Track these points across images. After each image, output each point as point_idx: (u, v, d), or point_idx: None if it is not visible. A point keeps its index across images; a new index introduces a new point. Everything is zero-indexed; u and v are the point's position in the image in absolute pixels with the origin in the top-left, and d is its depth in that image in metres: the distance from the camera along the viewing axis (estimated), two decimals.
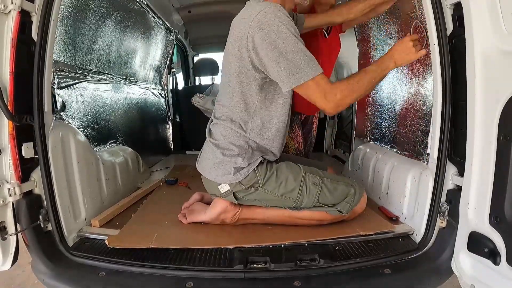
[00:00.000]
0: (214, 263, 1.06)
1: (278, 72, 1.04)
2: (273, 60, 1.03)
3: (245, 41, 1.06)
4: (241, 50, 1.08)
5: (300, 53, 1.03)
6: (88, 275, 1.05)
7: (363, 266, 1.07)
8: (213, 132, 1.24)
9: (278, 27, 1.02)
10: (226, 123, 1.19)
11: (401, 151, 1.55)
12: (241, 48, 1.08)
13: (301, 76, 1.03)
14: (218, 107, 1.24)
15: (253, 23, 1.03)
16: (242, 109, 1.16)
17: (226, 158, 1.17)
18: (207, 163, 1.22)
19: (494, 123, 0.83)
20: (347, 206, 1.21)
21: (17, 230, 1.05)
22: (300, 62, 1.03)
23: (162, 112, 2.97)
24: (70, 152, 1.25)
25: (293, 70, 1.03)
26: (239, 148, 1.17)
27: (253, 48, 1.05)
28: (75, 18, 1.51)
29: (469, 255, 0.94)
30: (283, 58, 1.02)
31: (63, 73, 1.46)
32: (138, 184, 1.94)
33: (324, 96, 1.05)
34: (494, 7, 0.81)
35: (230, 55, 1.13)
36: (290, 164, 1.24)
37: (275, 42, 1.02)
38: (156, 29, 2.55)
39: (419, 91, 1.40)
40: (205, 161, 1.24)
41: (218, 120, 1.22)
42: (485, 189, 0.87)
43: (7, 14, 0.98)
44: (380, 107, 1.81)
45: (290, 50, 1.02)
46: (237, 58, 1.10)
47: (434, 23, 1.07)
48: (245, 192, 1.21)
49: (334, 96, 1.05)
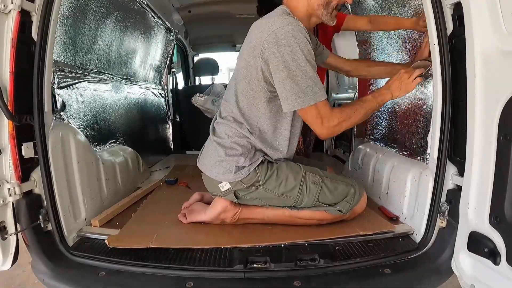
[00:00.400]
0: (214, 263, 1.06)
1: (283, 92, 1.07)
2: (280, 80, 1.06)
3: (259, 52, 1.07)
4: (255, 58, 1.09)
5: (307, 78, 1.05)
6: (88, 275, 1.05)
7: (363, 266, 1.07)
8: (217, 130, 1.24)
9: (293, 47, 1.02)
10: (231, 124, 1.19)
11: (401, 151, 1.55)
12: (255, 57, 1.09)
13: (303, 101, 1.06)
14: (224, 106, 1.24)
15: (269, 37, 1.04)
16: (248, 113, 1.17)
17: (229, 157, 1.17)
18: (209, 160, 1.23)
19: (494, 123, 0.83)
20: (347, 206, 1.21)
21: (17, 230, 1.05)
22: (306, 87, 1.05)
23: (162, 112, 2.97)
24: (70, 152, 1.25)
25: (297, 93, 1.05)
26: (242, 148, 1.17)
27: (265, 62, 1.07)
28: (75, 18, 1.51)
29: (469, 255, 0.93)
30: (290, 80, 1.04)
31: (63, 73, 1.46)
32: (138, 184, 1.94)
33: (321, 122, 1.09)
34: (494, 7, 0.81)
35: (244, 60, 1.13)
36: (290, 164, 1.24)
37: (286, 62, 1.03)
38: (156, 29, 2.55)
39: (419, 91, 1.40)
40: (206, 158, 1.24)
41: (223, 119, 1.22)
42: (485, 189, 0.86)
43: (7, 14, 0.98)
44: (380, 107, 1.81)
45: (299, 73, 1.04)
46: (251, 65, 1.11)
47: (434, 23, 1.07)
48: (246, 191, 1.21)
49: (330, 123, 1.10)
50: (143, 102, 2.52)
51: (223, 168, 1.18)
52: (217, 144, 1.20)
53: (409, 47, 1.52)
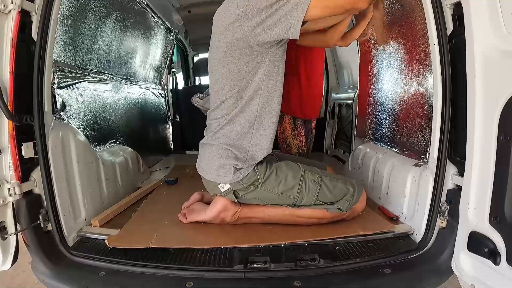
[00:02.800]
0: (214, 263, 1.06)
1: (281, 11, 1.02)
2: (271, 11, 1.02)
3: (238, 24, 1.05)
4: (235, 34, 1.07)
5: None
6: (88, 275, 1.05)
7: (363, 266, 1.07)
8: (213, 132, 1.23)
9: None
10: (227, 126, 1.18)
11: (401, 151, 1.55)
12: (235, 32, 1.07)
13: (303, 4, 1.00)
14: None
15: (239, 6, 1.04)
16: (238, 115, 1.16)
17: (226, 159, 1.17)
18: (207, 163, 1.22)
19: (494, 123, 0.83)
20: (347, 204, 1.21)
21: (17, 230, 1.05)
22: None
23: (162, 112, 2.98)
24: (70, 152, 1.26)
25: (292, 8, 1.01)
26: (238, 150, 1.17)
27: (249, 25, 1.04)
28: (75, 18, 1.51)
29: (469, 255, 0.93)
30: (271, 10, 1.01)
31: (63, 73, 1.46)
32: (138, 184, 1.95)
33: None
34: (494, 7, 0.81)
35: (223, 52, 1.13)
36: (289, 163, 1.25)
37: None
38: (156, 29, 2.55)
39: (419, 91, 1.40)
40: (204, 161, 1.24)
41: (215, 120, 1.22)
42: (485, 189, 0.86)
43: (7, 14, 0.98)
44: (380, 107, 1.81)
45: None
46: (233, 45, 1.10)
47: (434, 23, 1.07)
48: (245, 191, 1.21)
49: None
50: (143, 102, 2.52)
51: (222, 170, 1.18)
52: (214, 146, 1.20)
53: (409, 46, 1.52)
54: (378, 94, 1.84)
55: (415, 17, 1.36)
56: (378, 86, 1.83)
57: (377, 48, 1.82)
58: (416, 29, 1.37)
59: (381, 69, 1.79)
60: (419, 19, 1.31)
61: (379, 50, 1.81)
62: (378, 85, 1.84)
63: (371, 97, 1.93)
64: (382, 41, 1.74)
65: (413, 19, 1.38)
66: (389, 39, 1.66)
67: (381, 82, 1.79)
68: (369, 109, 1.96)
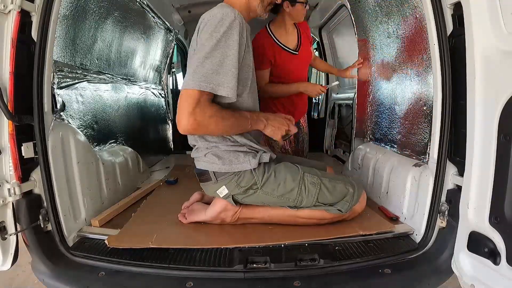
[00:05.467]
0: (214, 263, 1.06)
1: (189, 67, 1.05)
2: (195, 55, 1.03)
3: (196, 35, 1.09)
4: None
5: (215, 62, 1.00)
6: (88, 275, 1.05)
7: (363, 266, 1.07)
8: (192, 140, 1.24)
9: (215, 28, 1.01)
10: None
11: (401, 151, 1.55)
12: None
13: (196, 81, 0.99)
14: None
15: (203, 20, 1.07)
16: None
17: (209, 164, 1.17)
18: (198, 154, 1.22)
19: (494, 123, 0.83)
20: (346, 205, 1.21)
21: (17, 230, 1.05)
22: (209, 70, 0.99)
23: (162, 112, 2.98)
24: (70, 152, 1.25)
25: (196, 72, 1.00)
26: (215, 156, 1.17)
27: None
28: (75, 18, 1.51)
29: (469, 255, 0.93)
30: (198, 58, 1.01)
31: (63, 73, 1.46)
32: (138, 184, 1.95)
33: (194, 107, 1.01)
34: (494, 7, 0.81)
35: None
36: (288, 165, 1.24)
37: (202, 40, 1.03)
38: (156, 29, 2.55)
39: (419, 91, 1.40)
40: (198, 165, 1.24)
41: None
42: (485, 189, 0.86)
43: (7, 14, 0.98)
44: (380, 107, 1.81)
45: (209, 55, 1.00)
46: None
47: (434, 23, 1.07)
48: (244, 195, 1.20)
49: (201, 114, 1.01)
50: (143, 102, 2.52)
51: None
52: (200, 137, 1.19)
53: (407, 46, 1.52)
54: (378, 94, 1.84)
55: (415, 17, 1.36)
56: (378, 86, 1.83)
57: (375, 47, 1.82)
58: (415, 29, 1.37)
59: (380, 69, 1.79)
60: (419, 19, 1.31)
61: (377, 50, 1.81)
62: (376, 85, 1.84)
63: (371, 97, 1.93)
64: (380, 41, 1.74)
65: (413, 19, 1.38)
66: (387, 38, 1.66)
67: (381, 82, 1.79)
68: (368, 109, 1.96)
